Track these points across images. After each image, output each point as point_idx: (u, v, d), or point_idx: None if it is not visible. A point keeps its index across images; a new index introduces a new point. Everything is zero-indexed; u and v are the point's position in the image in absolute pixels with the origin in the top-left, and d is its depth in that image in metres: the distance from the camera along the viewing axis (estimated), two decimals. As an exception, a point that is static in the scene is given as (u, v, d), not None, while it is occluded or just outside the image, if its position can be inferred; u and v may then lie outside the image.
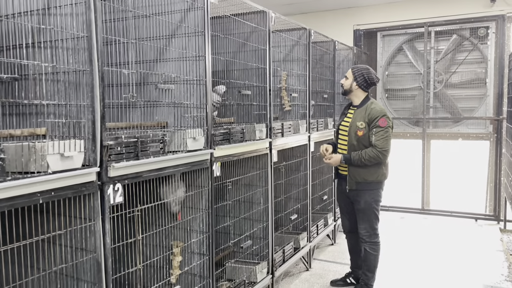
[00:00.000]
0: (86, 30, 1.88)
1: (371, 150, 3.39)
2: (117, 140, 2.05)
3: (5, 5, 2.05)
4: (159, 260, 2.58)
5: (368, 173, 3.46)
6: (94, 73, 1.89)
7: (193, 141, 2.55)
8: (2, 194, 1.54)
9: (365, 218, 3.54)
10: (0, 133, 1.87)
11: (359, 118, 3.48)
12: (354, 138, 3.47)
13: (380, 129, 3.38)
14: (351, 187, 3.52)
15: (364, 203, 3.51)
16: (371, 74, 3.54)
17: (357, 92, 3.57)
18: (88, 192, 1.90)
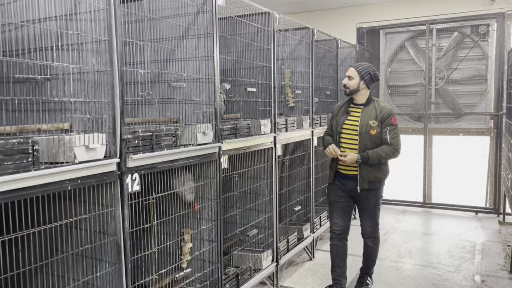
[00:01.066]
0: (107, 34, 2.08)
1: (387, 148, 3.36)
2: (134, 134, 2.25)
3: (36, 11, 2.25)
4: (172, 245, 2.79)
5: (380, 172, 3.43)
6: (114, 73, 2.09)
7: (203, 136, 2.75)
8: (37, 181, 1.75)
9: (373, 216, 3.55)
10: (30, 127, 2.08)
11: (370, 117, 3.39)
12: (367, 137, 3.38)
13: (394, 127, 3.39)
14: (363, 187, 3.41)
15: (374, 202, 3.50)
16: (375, 71, 3.50)
17: (363, 91, 3.47)
18: (109, 180, 2.11)
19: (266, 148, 3.69)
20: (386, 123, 3.39)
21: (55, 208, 2.18)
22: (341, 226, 3.60)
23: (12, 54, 2.34)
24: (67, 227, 2.24)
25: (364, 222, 3.61)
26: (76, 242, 2.20)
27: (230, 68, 3.66)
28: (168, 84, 2.91)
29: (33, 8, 2.27)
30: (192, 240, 3.03)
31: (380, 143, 3.41)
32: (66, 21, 2.16)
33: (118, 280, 2.19)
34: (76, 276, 2.23)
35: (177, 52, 2.94)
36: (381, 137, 3.40)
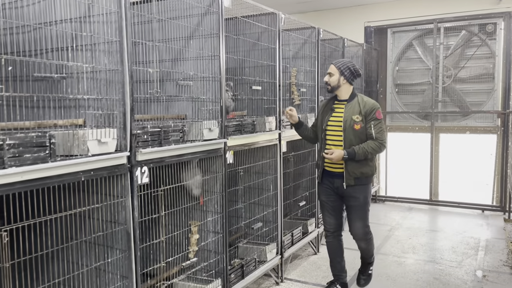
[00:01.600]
0: (119, 36, 2.22)
1: (373, 143, 3.33)
2: (143, 129, 2.39)
3: (52, 13, 2.40)
4: (179, 235, 2.93)
5: (367, 167, 3.39)
6: (124, 72, 2.24)
7: (209, 132, 2.88)
8: (54, 171, 1.90)
9: (361, 215, 3.45)
10: (47, 123, 2.23)
11: (354, 112, 3.38)
12: (351, 132, 3.36)
13: (378, 121, 3.37)
14: (349, 183, 3.38)
15: (364, 199, 3.42)
16: (355, 65, 3.47)
17: (344, 86, 3.44)
18: (120, 173, 2.25)
19: (271, 145, 3.81)
20: (370, 118, 3.36)
21: (70, 199, 2.33)
22: (334, 224, 3.59)
23: (30, 54, 2.50)
24: (80, 217, 2.39)
25: (354, 224, 3.47)
26: (89, 230, 2.35)
27: (237, 67, 3.79)
28: (176, 83, 3.05)
29: (50, 11, 2.42)
30: (198, 231, 3.17)
31: (365, 138, 3.38)
32: (80, 23, 2.31)
33: (128, 266, 2.33)
34: (89, 262, 2.38)
35: (185, 52, 3.07)
36: (366, 132, 3.37)
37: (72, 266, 2.39)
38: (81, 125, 2.38)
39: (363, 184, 3.42)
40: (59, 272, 2.41)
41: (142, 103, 3.11)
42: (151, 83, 2.79)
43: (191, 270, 3.03)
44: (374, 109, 3.38)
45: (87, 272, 2.35)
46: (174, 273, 3.02)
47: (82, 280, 2.35)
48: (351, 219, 3.48)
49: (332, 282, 3.74)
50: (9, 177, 1.72)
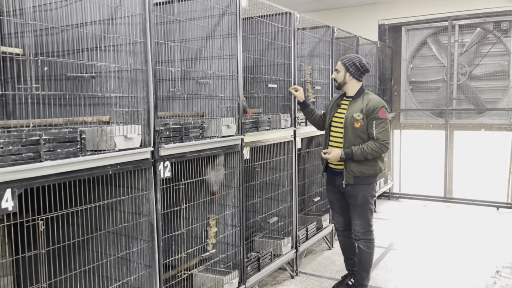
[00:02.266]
0: (143, 37, 2.33)
1: (373, 144, 3.25)
2: (166, 126, 2.51)
3: (80, 16, 2.53)
4: (198, 227, 3.05)
5: (366, 167, 3.31)
6: (148, 72, 2.35)
7: (227, 128, 2.99)
8: (84, 165, 2.03)
9: (362, 214, 3.40)
10: (76, 119, 2.36)
11: (356, 109, 3.32)
12: (351, 130, 3.31)
13: (381, 121, 3.26)
14: (348, 182, 3.34)
15: (362, 198, 3.36)
16: (362, 61, 3.38)
17: (351, 83, 3.40)
18: (144, 167, 2.37)
19: (286, 141, 3.90)
20: (372, 117, 3.27)
21: (97, 191, 2.46)
22: (342, 223, 3.62)
23: (58, 54, 2.63)
24: (107, 208, 2.52)
25: (353, 221, 3.46)
26: (115, 222, 2.48)
27: (253, 65, 3.89)
28: (195, 81, 3.17)
29: (77, 13, 2.55)
30: (216, 224, 3.29)
31: (367, 138, 3.31)
32: (106, 25, 2.43)
33: (152, 256, 2.45)
34: (115, 252, 2.51)
35: (204, 51, 3.18)
36: (368, 131, 3.30)
37: (99, 255, 2.52)
38: (107, 122, 2.51)
39: (363, 183, 3.35)
40: (88, 260, 2.55)
41: (164, 101, 3.24)
42: (173, 82, 2.91)
43: (209, 261, 3.15)
44: (377, 107, 3.27)
45: (114, 260, 2.48)
46: (193, 264, 3.15)
47: (109, 268, 2.48)
48: (351, 216, 3.48)
49: (346, 276, 3.82)
50: (45, 169, 1.85)
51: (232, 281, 3.11)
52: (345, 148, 3.35)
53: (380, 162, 3.40)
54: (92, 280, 2.52)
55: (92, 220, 2.50)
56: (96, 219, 2.50)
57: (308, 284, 3.94)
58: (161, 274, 2.50)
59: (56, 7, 2.59)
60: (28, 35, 2.57)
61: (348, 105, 3.43)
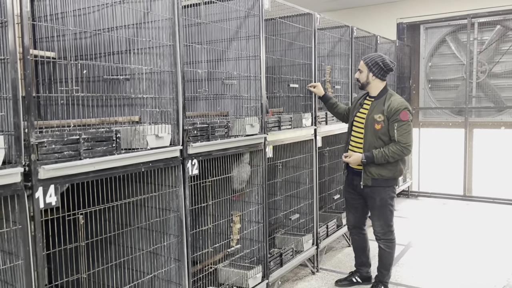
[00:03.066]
0: (172, 40, 2.44)
1: (394, 147, 3.21)
2: (193, 125, 2.61)
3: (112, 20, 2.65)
4: (223, 223, 3.15)
5: (386, 170, 3.29)
6: (177, 73, 2.46)
7: (251, 127, 3.08)
8: (119, 163, 2.14)
9: (381, 216, 3.41)
10: (110, 119, 2.48)
11: (377, 111, 3.29)
12: (371, 132, 3.30)
13: (403, 123, 3.21)
14: (366, 183, 3.34)
15: (380, 200, 3.37)
16: (385, 60, 3.32)
17: (374, 83, 3.37)
18: (173, 164, 2.48)
19: (307, 140, 3.98)
20: (394, 119, 3.23)
21: (130, 188, 2.58)
22: (352, 221, 3.68)
23: (91, 57, 2.76)
24: (139, 205, 2.63)
25: (373, 222, 3.50)
26: (146, 217, 2.59)
27: (275, 65, 3.97)
28: (221, 82, 3.26)
29: (109, 18, 2.67)
30: (240, 221, 3.38)
31: (388, 140, 3.29)
32: (137, 29, 2.54)
33: (181, 250, 2.56)
34: (147, 246, 2.62)
35: (229, 53, 3.28)
36: (389, 134, 3.28)
37: (131, 249, 2.64)
38: (137, 121, 2.62)
39: (381, 186, 3.35)
40: (120, 254, 2.66)
41: (191, 101, 3.34)
42: (200, 82, 3.02)
43: (234, 257, 3.25)
44: (399, 109, 3.23)
45: (145, 254, 2.60)
46: (218, 259, 3.25)
47: (141, 262, 2.60)
48: (371, 217, 3.53)
49: (352, 273, 3.89)
50: (84, 167, 1.96)
51: (256, 275, 3.20)
52: (365, 149, 3.38)
53: (401, 165, 3.39)
54: (124, 273, 2.64)
55: (125, 215, 2.62)
56: (129, 214, 2.62)
57: (328, 280, 4.01)
58: (189, 267, 2.60)
59: (92, 11, 2.71)
60: (65, 38, 2.70)
61: (370, 105, 3.44)
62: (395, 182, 3.46)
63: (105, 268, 2.53)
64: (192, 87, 3.03)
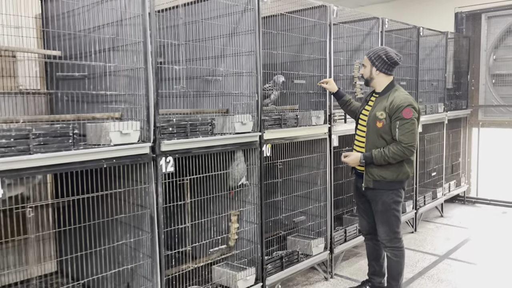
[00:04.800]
0: (142, 37, 2.44)
1: (395, 147, 2.99)
2: (169, 122, 2.59)
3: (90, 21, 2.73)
4: (206, 222, 3.10)
5: (387, 171, 3.07)
6: (148, 70, 2.45)
7: (241, 125, 2.99)
8: (75, 158, 2.18)
9: (385, 221, 3.17)
10: (86, 116, 2.55)
11: (380, 108, 3.08)
12: (373, 130, 3.10)
13: (405, 122, 2.97)
14: (368, 185, 3.14)
15: (383, 204, 3.14)
16: (389, 53, 3.08)
17: (379, 78, 3.15)
18: (143, 161, 2.48)
19: (319, 139, 3.79)
20: (396, 117, 3.00)
21: (109, 183, 2.64)
22: (365, 226, 3.44)
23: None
24: (118, 199, 2.68)
25: (378, 227, 3.25)
26: (121, 211, 2.63)
27: (288, 61, 3.84)
28: (221, 79, 3.22)
29: (88, 18, 2.74)
30: (238, 220, 3.31)
31: (391, 139, 3.05)
32: (116, 26, 2.58)
33: (152, 247, 2.56)
34: (118, 239, 2.67)
35: (224, 49, 3.22)
36: (391, 133, 3.05)
37: (108, 240, 2.70)
38: (118, 118, 2.66)
39: (383, 189, 3.11)
40: (98, 243, 2.73)
41: (192, 98, 3.34)
42: (200, 80, 3.00)
43: (223, 256, 3.19)
44: (401, 106, 2.99)
45: (119, 247, 2.64)
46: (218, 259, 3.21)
47: (116, 253, 2.65)
48: (375, 221, 3.27)
49: (363, 282, 3.63)
50: (34, 161, 2.03)
51: (247, 277, 3.11)
52: (367, 149, 3.16)
53: (407, 167, 3.12)
54: (103, 262, 2.70)
55: (106, 207, 2.68)
56: (109, 207, 2.67)
57: (339, 287, 3.80)
58: (162, 265, 2.59)
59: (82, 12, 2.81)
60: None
61: (373, 102, 3.21)
62: (401, 185, 3.17)
63: (85, 254, 2.62)
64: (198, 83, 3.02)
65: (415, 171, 4.80)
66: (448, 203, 6.54)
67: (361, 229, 3.56)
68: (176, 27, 3.23)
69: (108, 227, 2.73)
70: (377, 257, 3.51)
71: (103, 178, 2.61)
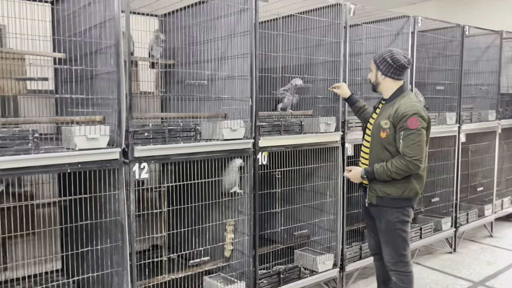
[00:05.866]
0: (114, 39, 2.38)
1: (398, 161, 2.67)
2: (144, 127, 2.51)
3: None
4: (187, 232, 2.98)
5: (392, 187, 2.76)
6: (120, 74, 2.39)
7: (231, 131, 2.83)
8: (37, 162, 2.16)
9: (389, 242, 2.86)
10: (65, 118, 2.54)
11: (384, 116, 2.79)
12: (376, 141, 2.81)
13: (410, 132, 2.65)
14: (371, 201, 2.85)
15: (386, 223, 2.82)
16: (395, 55, 2.76)
17: (385, 83, 2.85)
18: (113, 167, 2.41)
19: (330, 147, 3.53)
20: (400, 127, 2.68)
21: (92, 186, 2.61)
22: (373, 246, 3.11)
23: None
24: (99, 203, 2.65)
25: (382, 249, 2.93)
26: (97, 216, 2.59)
27: (297, 64, 3.62)
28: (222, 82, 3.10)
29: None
30: (234, 231, 3.16)
31: (396, 151, 2.73)
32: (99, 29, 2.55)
33: (122, 256, 2.48)
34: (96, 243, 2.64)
35: (220, 52, 3.10)
36: (396, 144, 2.73)
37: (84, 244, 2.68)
38: (100, 121, 2.63)
39: (387, 206, 2.80)
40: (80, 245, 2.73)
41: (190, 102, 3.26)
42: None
43: (206, 267, 3.05)
44: (406, 115, 2.66)
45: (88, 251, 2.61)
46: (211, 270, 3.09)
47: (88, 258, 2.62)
48: (380, 242, 2.95)
49: None
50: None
51: (236, 292, 2.96)
52: (371, 161, 2.86)
53: (415, 183, 2.77)
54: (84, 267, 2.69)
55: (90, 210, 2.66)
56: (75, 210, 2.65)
57: (348, 309, 3.51)
58: (133, 276, 2.52)
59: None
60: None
61: (380, 110, 2.91)
62: (408, 203, 2.81)
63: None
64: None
65: (457, 186, 4.36)
66: (501, 221, 5.88)
67: (369, 248, 3.23)
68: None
69: (87, 231, 2.71)
70: (385, 280, 3.15)
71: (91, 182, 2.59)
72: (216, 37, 3.15)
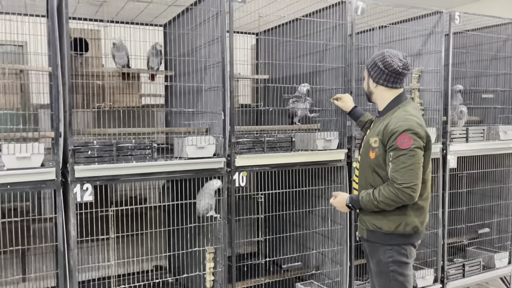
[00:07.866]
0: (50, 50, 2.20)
1: (387, 188, 2.15)
2: (87, 145, 2.29)
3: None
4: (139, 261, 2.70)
5: (383, 219, 2.23)
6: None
7: (197, 149, 2.51)
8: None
9: (381, 286, 2.30)
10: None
11: (374, 132, 2.30)
12: (365, 162, 2.32)
13: (401, 153, 2.11)
14: (362, 234, 2.36)
15: (378, 264, 2.28)
16: (387, 58, 2.23)
17: (378, 92, 2.33)
18: (49, 189, 2.22)
19: (332, 167, 3.05)
20: (390, 146, 2.15)
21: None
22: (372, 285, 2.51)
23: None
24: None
25: None
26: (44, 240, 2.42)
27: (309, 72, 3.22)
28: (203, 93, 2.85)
29: None
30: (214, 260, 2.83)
31: (386, 175, 2.19)
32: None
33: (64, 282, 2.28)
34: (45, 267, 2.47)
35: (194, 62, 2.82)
36: (385, 165, 2.20)
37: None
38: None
39: (379, 242, 2.26)
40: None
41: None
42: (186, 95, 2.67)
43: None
44: (396, 132, 2.13)
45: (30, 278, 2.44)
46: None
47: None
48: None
49: None
50: None
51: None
52: (360, 186, 2.34)
53: (413, 216, 2.21)
54: None
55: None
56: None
57: None
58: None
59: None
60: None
61: (373, 124, 2.41)
62: (405, 241, 2.23)
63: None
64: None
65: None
66: None
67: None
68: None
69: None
70: None
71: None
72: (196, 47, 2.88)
